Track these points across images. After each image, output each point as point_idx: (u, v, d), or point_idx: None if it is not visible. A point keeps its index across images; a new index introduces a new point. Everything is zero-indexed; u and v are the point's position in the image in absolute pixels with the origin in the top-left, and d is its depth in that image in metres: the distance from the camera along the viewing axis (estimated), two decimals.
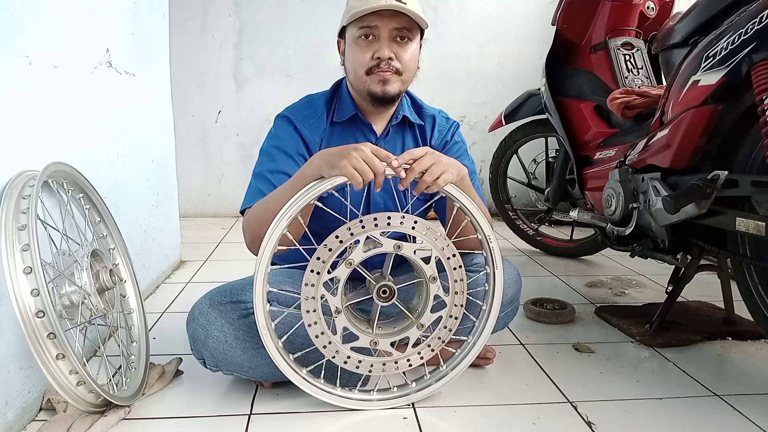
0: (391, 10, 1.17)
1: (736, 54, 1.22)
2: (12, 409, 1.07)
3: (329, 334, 1.10)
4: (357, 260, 1.07)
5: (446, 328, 1.16)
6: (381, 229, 1.05)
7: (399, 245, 1.07)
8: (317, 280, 1.04)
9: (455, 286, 1.13)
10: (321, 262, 1.04)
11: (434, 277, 1.11)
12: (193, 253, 2.51)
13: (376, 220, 1.04)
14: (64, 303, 1.12)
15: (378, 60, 1.20)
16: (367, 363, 1.14)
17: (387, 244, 1.07)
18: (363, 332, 1.13)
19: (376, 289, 1.11)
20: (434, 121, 1.40)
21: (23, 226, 1.02)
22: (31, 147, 1.18)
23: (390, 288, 1.11)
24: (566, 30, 2.14)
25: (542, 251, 2.68)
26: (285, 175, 1.22)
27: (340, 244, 1.04)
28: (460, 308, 1.14)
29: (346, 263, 1.06)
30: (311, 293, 1.05)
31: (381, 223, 1.05)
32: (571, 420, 1.18)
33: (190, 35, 3.33)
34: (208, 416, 1.18)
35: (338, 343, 1.10)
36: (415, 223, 1.07)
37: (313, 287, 1.05)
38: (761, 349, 1.56)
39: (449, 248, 1.10)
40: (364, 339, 1.12)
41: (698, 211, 1.32)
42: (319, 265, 1.04)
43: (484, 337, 1.22)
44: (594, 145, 1.99)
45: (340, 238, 1.04)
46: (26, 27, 1.16)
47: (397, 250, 1.08)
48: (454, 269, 1.11)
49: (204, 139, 3.47)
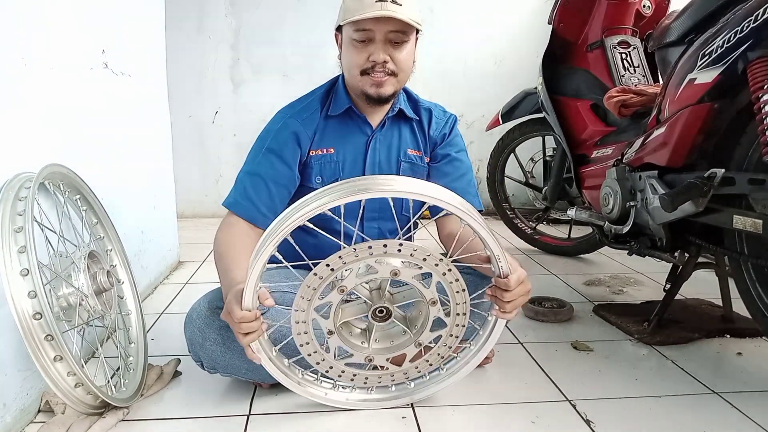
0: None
1: (731, 52, 1.22)
2: (10, 412, 1.07)
3: (322, 352, 1.07)
4: (350, 287, 1.01)
5: (446, 345, 1.12)
6: (376, 257, 0.97)
7: (396, 272, 1.00)
8: (308, 306, 1.00)
9: (457, 308, 1.07)
10: (312, 290, 0.98)
11: (434, 300, 1.06)
12: (191, 253, 2.50)
13: (371, 249, 0.96)
14: (61, 305, 1.12)
15: (373, 63, 1.21)
16: (362, 376, 1.12)
17: (383, 271, 1.00)
18: (357, 348, 1.09)
19: (372, 310, 1.06)
20: (431, 113, 1.40)
21: (20, 228, 1.01)
22: (27, 149, 1.18)
23: (387, 309, 1.06)
24: (563, 29, 2.14)
25: (540, 250, 2.68)
26: (259, 177, 1.26)
27: (331, 272, 0.98)
28: (461, 328, 1.10)
29: (339, 290, 1.00)
30: (302, 318, 1.01)
31: (376, 251, 0.96)
32: (569, 418, 1.18)
33: (187, 36, 3.32)
34: (206, 417, 1.17)
35: (331, 360, 1.09)
36: (415, 251, 0.98)
37: (304, 312, 1.01)
38: (759, 346, 1.56)
39: (452, 273, 1.02)
40: (359, 356, 1.09)
41: (695, 209, 1.32)
42: (309, 293, 0.99)
43: (488, 346, 1.19)
44: (591, 144, 1.99)
45: (331, 266, 0.97)
46: (22, 28, 1.16)
47: (395, 276, 1.01)
48: (456, 293, 1.05)
49: (201, 140, 3.47)
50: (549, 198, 2.33)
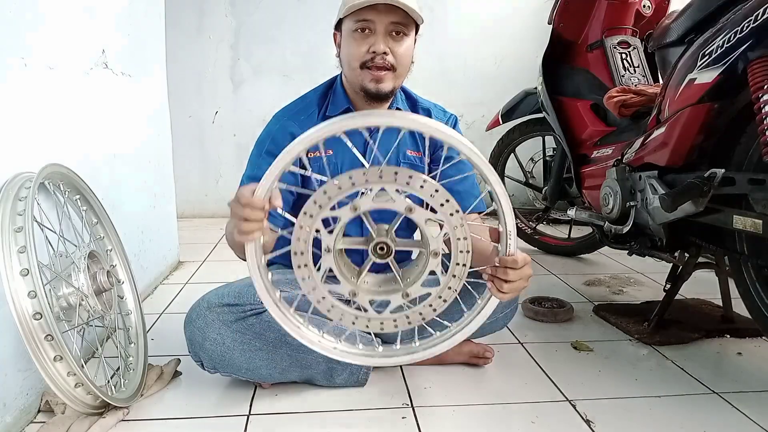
0: (388, 5, 1.18)
1: (731, 52, 1.22)
2: (10, 411, 1.07)
3: (312, 270, 1.03)
4: (362, 208, 1.00)
5: (431, 306, 1.08)
6: (399, 185, 0.98)
7: (411, 208, 1.00)
8: (317, 214, 0.98)
9: (455, 269, 1.05)
10: (327, 197, 0.98)
11: (437, 252, 1.05)
12: (191, 253, 2.50)
13: (397, 174, 0.97)
14: (61, 305, 1.12)
15: (373, 54, 1.21)
16: (338, 311, 1.07)
17: (400, 203, 1.00)
18: (346, 280, 1.06)
19: (374, 244, 1.05)
20: (429, 114, 1.40)
21: (20, 228, 1.01)
22: (27, 149, 1.18)
23: (388, 247, 1.05)
24: (563, 29, 2.14)
25: (540, 250, 2.68)
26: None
27: (351, 186, 0.97)
28: (452, 292, 1.07)
29: (351, 207, 1.00)
30: (307, 222, 0.99)
31: (401, 179, 0.98)
32: (569, 418, 1.18)
33: (187, 36, 3.32)
34: (206, 417, 1.17)
35: (317, 279, 1.04)
36: (436, 191, 0.99)
37: (311, 218, 0.99)
38: (759, 346, 1.56)
39: (463, 229, 1.02)
40: (345, 287, 1.06)
41: (695, 209, 1.32)
42: (324, 199, 0.98)
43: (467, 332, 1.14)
44: (591, 144, 1.99)
45: (353, 179, 0.97)
46: (22, 28, 1.16)
47: (409, 213, 1.01)
48: (460, 252, 1.04)
49: (201, 140, 3.47)
50: (549, 198, 2.33)
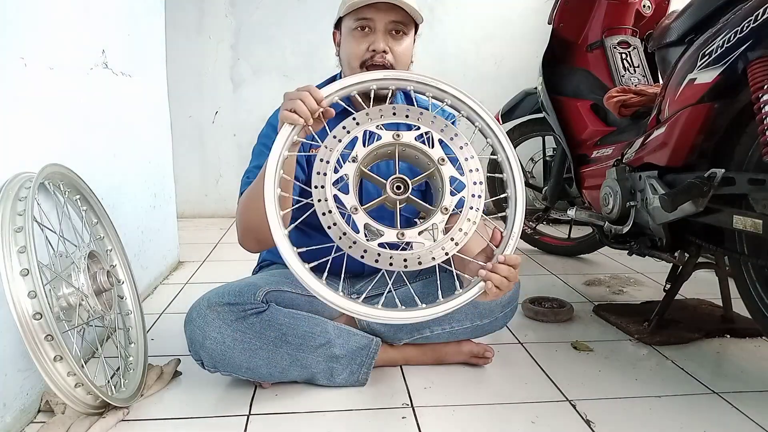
0: (388, 3, 1.18)
1: (731, 52, 1.22)
2: (10, 412, 1.07)
3: (351, 233, 1.02)
4: (361, 155, 1.04)
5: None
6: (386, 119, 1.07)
7: (398, 134, 1.06)
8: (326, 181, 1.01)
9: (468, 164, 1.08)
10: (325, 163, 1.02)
11: (443, 158, 1.07)
12: (191, 253, 2.50)
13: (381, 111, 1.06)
14: (61, 305, 1.12)
15: (373, 53, 1.22)
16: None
17: (386, 135, 1.06)
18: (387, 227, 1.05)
19: (390, 183, 1.06)
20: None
21: (20, 228, 1.01)
22: (27, 149, 1.18)
23: (404, 181, 1.06)
24: (563, 29, 2.14)
25: (540, 250, 2.68)
26: None
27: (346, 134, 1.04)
28: (480, 186, 1.08)
29: (351, 159, 1.04)
30: (322, 195, 1.01)
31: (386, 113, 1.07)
32: (569, 418, 1.18)
33: (187, 36, 3.32)
34: (206, 417, 1.17)
35: (363, 241, 1.02)
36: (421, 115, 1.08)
37: (323, 189, 1.01)
38: (759, 346, 1.56)
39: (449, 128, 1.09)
40: (390, 234, 1.04)
41: (695, 209, 1.32)
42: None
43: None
44: (591, 144, 1.99)
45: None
46: (21, 28, 1.16)
47: (397, 138, 1.06)
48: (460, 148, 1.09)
49: (201, 140, 3.47)
50: (549, 198, 2.33)
